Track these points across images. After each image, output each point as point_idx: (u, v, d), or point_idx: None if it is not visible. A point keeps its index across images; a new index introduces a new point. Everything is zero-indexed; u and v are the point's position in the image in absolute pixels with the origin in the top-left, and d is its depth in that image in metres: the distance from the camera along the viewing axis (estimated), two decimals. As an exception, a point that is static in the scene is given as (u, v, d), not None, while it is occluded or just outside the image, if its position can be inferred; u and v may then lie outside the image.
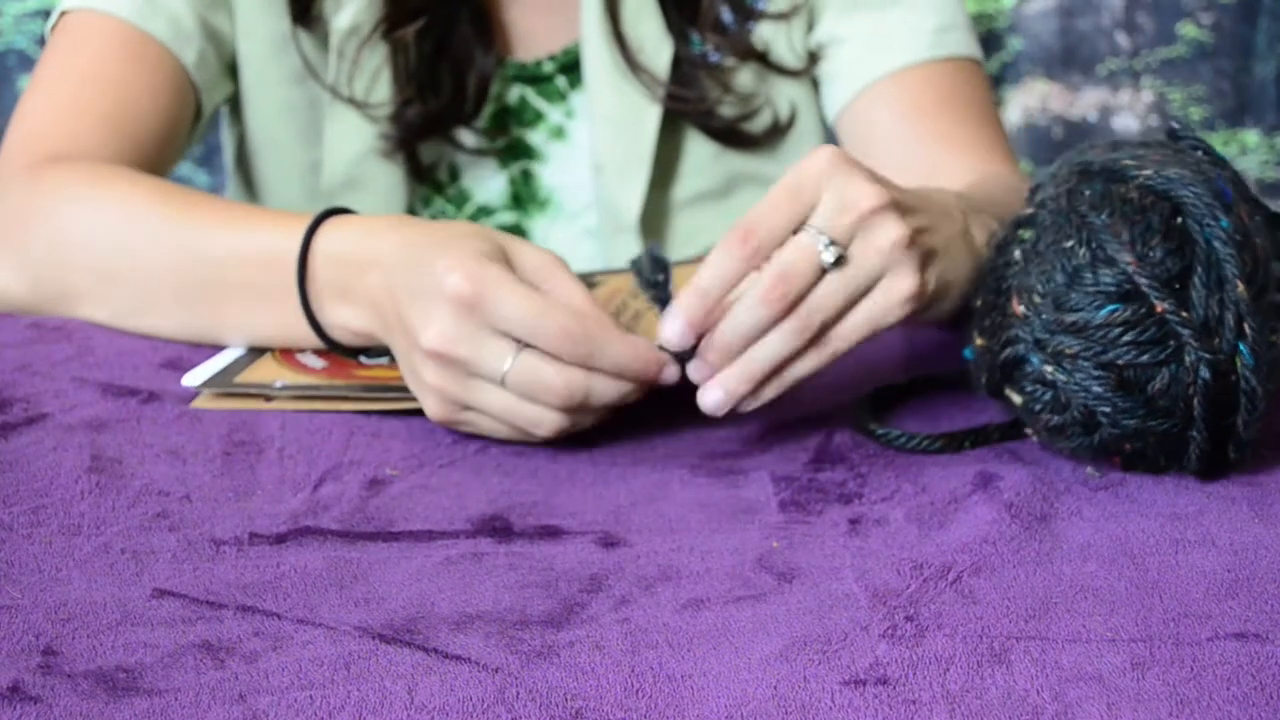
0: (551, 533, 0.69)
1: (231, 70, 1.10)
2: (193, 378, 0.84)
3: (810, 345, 0.74)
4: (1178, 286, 0.70)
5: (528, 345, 0.73)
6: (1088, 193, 0.73)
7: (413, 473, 0.75)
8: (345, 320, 0.82)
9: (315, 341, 0.85)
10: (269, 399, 0.82)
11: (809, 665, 0.57)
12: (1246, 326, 0.69)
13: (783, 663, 0.57)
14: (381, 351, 0.84)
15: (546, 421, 0.74)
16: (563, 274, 0.76)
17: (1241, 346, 0.69)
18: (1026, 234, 0.76)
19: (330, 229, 0.83)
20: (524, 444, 0.78)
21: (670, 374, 0.75)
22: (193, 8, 1.05)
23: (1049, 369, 0.72)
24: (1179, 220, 0.71)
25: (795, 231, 0.73)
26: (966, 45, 1.11)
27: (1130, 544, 0.67)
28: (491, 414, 0.75)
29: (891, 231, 0.73)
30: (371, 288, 0.79)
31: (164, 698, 0.55)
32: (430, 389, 0.76)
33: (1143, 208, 0.71)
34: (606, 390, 0.74)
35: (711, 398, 0.74)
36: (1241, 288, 0.69)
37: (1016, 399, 0.74)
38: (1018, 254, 0.76)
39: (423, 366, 0.75)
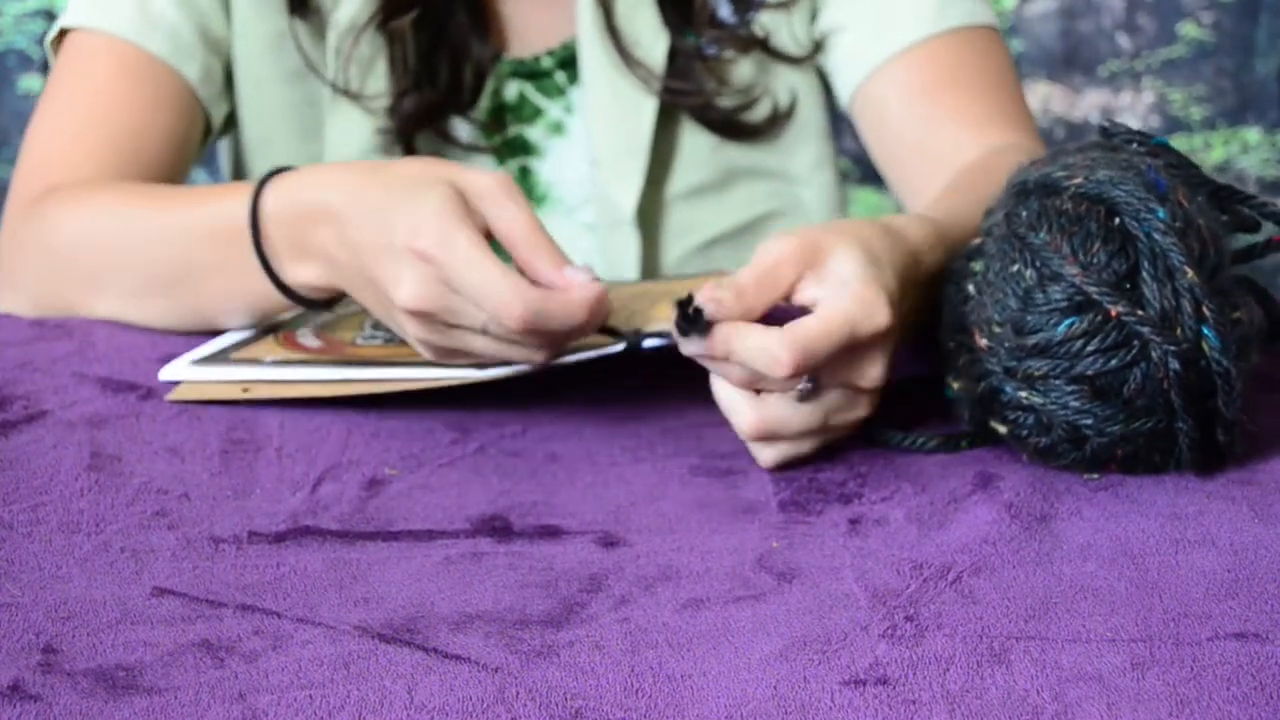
0: (551, 533, 0.69)
1: (232, 79, 1.10)
2: (173, 370, 0.84)
3: None
4: (1128, 286, 0.70)
5: None
6: (1024, 213, 0.73)
7: (412, 472, 0.75)
8: (306, 278, 0.84)
9: (289, 304, 0.86)
10: (246, 389, 0.82)
11: (809, 665, 0.57)
12: (1205, 309, 0.69)
13: (783, 663, 0.57)
14: (375, 326, 0.85)
15: (537, 356, 0.77)
16: (513, 199, 0.77)
17: (1205, 330, 0.69)
18: (977, 265, 0.76)
19: (276, 186, 0.85)
20: (523, 443, 0.78)
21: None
22: (191, 19, 1.05)
23: (1024, 394, 0.72)
24: (1116, 221, 0.71)
25: None
26: (974, 13, 1.10)
27: (1130, 544, 0.67)
28: (480, 355, 0.77)
29: (863, 409, 0.76)
30: (325, 242, 0.81)
31: (164, 696, 0.55)
32: (417, 341, 0.78)
33: (1078, 216, 0.71)
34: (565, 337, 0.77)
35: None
36: (1191, 273, 0.69)
37: (1002, 429, 0.75)
38: (971, 288, 0.76)
39: (405, 322, 0.77)
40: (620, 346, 0.78)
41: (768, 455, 0.75)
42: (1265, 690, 0.55)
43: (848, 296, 0.72)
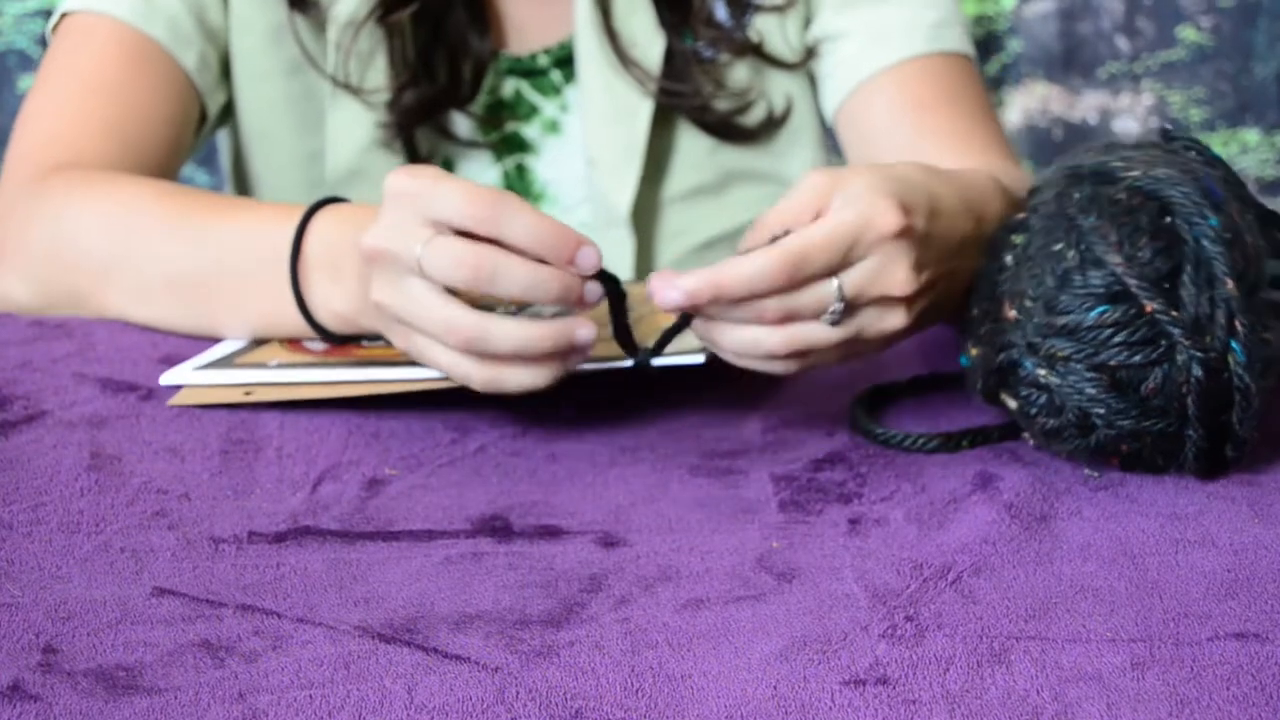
0: (551, 533, 0.69)
1: (228, 70, 1.10)
2: (175, 375, 0.84)
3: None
4: (1167, 286, 0.70)
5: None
6: (1077, 195, 0.73)
7: (411, 472, 0.75)
8: (328, 299, 0.83)
9: (303, 327, 0.85)
10: (249, 392, 0.82)
11: (809, 665, 0.57)
12: (1238, 323, 0.69)
13: (783, 663, 0.57)
14: (376, 336, 0.85)
15: (458, 318, 0.72)
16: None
17: (1233, 344, 0.69)
18: (1018, 239, 0.76)
19: (328, 213, 0.85)
20: (523, 443, 0.78)
21: (591, 291, 0.73)
22: (189, 8, 1.06)
23: (1042, 372, 0.72)
24: (1168, 220, 0.71)
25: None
26: (963, 42, 1.12)
27: (1130, 544, 0.67)
28: (417, 319, 0.73)
29: (897, 319, 0.74)
30: (359, 266, 0.79)
31: (164, 696, 0.55)
32: (380, 310, 0.75)
33: (1131, 208, 0.71)
34: (516, 274, 0.71)
35: (669, 297, 0.72)
36: (1232, 285, 0.69)
37: (1012, 403, 0.75)
38: (1009, 259, 0.76)
39: (371, 285, 0.75)
40: (629, 362, 0.78)
41: (786, 366, 0.74)
42: (1265, 690, 0.55)
43: (851, 205, 0.72)
